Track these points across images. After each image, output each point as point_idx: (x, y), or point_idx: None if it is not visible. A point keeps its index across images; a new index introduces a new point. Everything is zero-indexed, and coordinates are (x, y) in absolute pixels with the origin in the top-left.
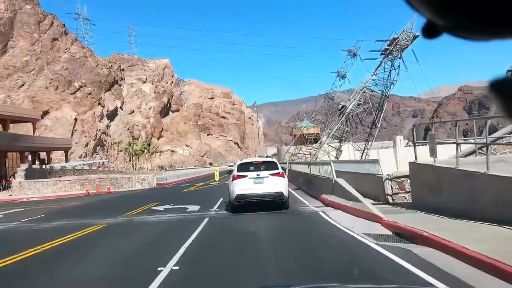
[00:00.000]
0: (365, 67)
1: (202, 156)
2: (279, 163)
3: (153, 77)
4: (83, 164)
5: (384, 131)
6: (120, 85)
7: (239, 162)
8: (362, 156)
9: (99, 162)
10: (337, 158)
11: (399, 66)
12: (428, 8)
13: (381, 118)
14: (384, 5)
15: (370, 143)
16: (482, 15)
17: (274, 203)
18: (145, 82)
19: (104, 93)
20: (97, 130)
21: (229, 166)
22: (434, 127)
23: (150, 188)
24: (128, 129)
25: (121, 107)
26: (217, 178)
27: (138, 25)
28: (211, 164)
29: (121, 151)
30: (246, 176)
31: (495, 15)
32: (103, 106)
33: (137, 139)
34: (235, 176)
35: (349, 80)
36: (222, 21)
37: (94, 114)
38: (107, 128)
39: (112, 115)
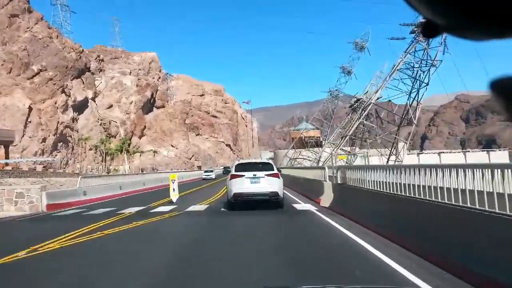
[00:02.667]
0: (391, 49)
1: (190, 159)
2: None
3: (137, 71)
4: (30, 161)
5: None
6: (93, 73)
7: (237, 162)
8: (388, 161)
9: (46, 161)
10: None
11: (442, 44)
12: (427, 8)
13: (418, 112)
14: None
15: (404, 145)
16: (481, 15)
17: (269, 201)
18: (126, 75)
19: (71, 80)
20: (58, 122)
21: (204, 172)
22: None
23: (22, 217)
24: (101, 125)
25: (93, 99)
26: (174, 197)
27: (124, 16)
28: (199, 167)
29: (90, 149)
30: (244, 176)
31: (495, 15)
32: (69, 96)
33: (115, 137)
34: (233, 175)
35: (356, 76)
36: (217, 19)
37: (56, 103)
38: (73, 121)
39: (81, 107)
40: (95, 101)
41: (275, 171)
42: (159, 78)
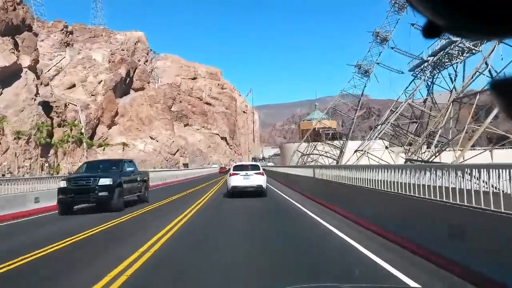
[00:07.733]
0: None
1: (174, 154)
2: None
3: (120, 51)
4: None
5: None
6: (36, 35)
7: (234, 164)
8: None
9: None
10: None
11: None
12: (428, 8)
13: None
14: None
15: None
16: (481, 15)
17: (256, 192)
18: (96, 48)
19: None
20: None
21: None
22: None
23: None
24: (54, 108)
25: (32, 68)
26: None
27: None
28: (186, 165)
29: (18, 138)
30: (239, 174)
31: (495, 15)
32: None
33: (72, 124)
34: (231, 173)
35: (394, 45)
36: (215, 13)
37: None
38: None
39: (8, 78)
40: (36, 72)
41: (261, 170)
42: (146, 61)
